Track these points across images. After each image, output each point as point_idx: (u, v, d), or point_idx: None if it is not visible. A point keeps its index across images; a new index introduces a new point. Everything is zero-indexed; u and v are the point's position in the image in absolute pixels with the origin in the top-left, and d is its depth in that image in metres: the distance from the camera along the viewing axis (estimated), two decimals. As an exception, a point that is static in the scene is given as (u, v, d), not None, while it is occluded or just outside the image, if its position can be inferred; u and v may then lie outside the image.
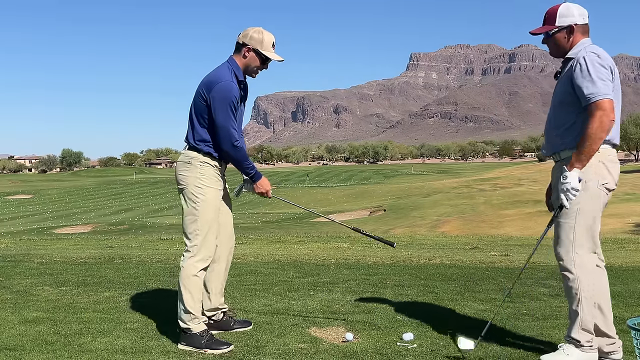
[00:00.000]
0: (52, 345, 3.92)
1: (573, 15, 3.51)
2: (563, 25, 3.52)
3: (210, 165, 4.00)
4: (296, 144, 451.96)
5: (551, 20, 3.56)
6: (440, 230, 30.82)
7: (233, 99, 3.86)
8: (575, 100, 3.41)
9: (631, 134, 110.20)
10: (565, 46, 3.56)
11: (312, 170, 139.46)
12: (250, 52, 3.95)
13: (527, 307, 4.93)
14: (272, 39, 3.97)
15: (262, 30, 3.95)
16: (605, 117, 3.27)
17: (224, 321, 4.34)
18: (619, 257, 8.74)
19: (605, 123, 3.28)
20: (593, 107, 3.30)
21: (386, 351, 3.79)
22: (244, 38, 3.95)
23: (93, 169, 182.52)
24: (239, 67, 3.98)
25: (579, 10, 3.53)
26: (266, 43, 3.94)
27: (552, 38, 3.57)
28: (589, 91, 3.31)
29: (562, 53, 3.59)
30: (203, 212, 3.95)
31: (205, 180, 3.97)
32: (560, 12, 3.52)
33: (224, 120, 3.85)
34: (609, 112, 3.29)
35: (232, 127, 3.88)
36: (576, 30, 3.52)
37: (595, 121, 3.27)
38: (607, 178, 3.45)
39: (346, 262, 8.03)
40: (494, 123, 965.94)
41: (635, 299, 5.36)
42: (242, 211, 52.17)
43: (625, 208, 36.51)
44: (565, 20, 3.51)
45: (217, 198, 4.06)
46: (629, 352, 3.67)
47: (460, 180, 76.68)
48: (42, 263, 7.95)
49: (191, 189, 3.96)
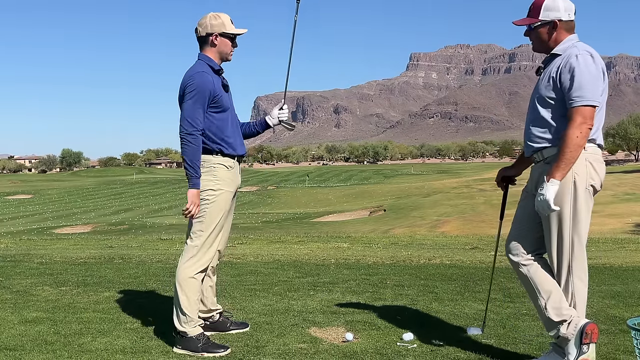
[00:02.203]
0: (52, 345, 3.92)
1: (558, 10, 3.32)
2: (546, 20, 3.34)
3: (224, 167, 3.97)
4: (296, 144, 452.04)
5: (535, 12, 3.37)
6: (440, 230, 30.81)
7: (205, 89, 3.84)
8: (559, 98, 3.26)
9: (631, 134, 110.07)
10: (548, 42, 3.38)
11: (312, 170, 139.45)
12: (218, 38, 3.94)
13: (527, 307, 4.92)
14: (228, 17, 3.98)
15: (217, 14, 3.95)
16: (584, 125, 3.15)
17: (220, 322, 4.31)
18: (619, 257, 8.75)
19: (584, 131, 3.15)
20: (574, 112, 3.17)
21: (386, 351, 3.79)
22: (205, 29, 3.94)
23: (93, 169, 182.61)
24: (210, 58, 3.97)
25: (566, 4, 3.34)
26: (227, 23, 3.95)
27: (535, 32, 3.41)
28: (576, 94, 3.17)
29: (544, 48, 3.42)
30: (211, 214, 3.92)
31: (219, 183, 3.94)
32: (546, 5, 3.33)
33: (188, 107, 3.83)
34: (589, 119, 3.16)
35: (196, 116, 3.83)
36: (560, 27, 3.34)
37: (575, 127, 3.14)
38: (595, 178, 3.32)
39: (346, 262, 8.03)
40: (494, 123, 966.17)
41: (635, 299, 5.37)
42: (242, 211, 52.15)
43: (625, 208, 36.52)
44: (549, 14, 3.33)
45: (228, 201, 4.02)
46: (629, 352, 3.66)
47: (460, 180, 76.65)
48: (42, 263, 7.95)
49: (203, 190, 3.93)
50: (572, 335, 3.31)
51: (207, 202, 3.92)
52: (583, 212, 3.31)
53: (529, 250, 3.48)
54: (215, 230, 3.96)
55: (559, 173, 3.19)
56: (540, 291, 3.40)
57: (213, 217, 3.93)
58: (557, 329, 3.36)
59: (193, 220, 3.94)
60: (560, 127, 3.26)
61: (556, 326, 3.36)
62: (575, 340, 3.30)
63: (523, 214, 3.54)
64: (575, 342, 3.30)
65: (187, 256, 3.94)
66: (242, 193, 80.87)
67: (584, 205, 3.30)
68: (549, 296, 3.37)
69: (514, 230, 3.57)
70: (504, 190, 3.95)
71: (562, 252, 3.34)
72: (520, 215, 3.56)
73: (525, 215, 3.52)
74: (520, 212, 3.57)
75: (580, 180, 3.27)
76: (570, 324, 3.32)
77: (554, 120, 3.30)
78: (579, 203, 3.29)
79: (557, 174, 3.19)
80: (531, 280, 3.44)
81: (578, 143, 3.15)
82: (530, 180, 3.52)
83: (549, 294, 3.37)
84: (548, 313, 3.36)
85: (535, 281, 3.42)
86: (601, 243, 12.11)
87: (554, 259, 3.38)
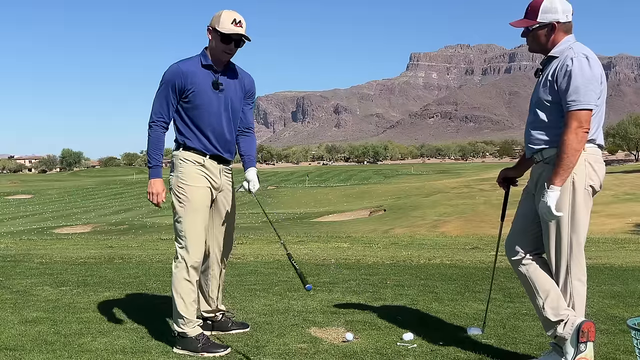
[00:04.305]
0: (52, 345, 3.93)
1: (556, 12, 3.30)
2: (544, 22, 3.32)
3: (191, 162, 3.88)
4: (296, 144, 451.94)
5: (533, 14, 3.35)
6: (440, 230, 30.83)
7: (172, 81, 3.79)
8: (557, 101, 3.26)
9: (631, 133, 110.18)
10: (545, 44, 3.37)
11: (312, 170, 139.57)
12: (212, 34, 3.85)
13: (527, 307, 4.93)
14: (232, 16, 3.81)
15: (223, 10, 3.85)
16: (580, 129, 3.14)
17: (222, 322, 4.31)
18: (619, 257, 8.76)
19: (580, 135, 3.15)
20: (570, 115, 3.17)
21: (386, 351, 3.79)
22: (210, 22, 3.87)
23: (93, 169, 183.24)
24: (205, 53, 3.90)
25: (563, 6, 3.32)
26: (223, 20, 3.80)
27: (532, 34, 3.39)
28: (571, 98, 3.16)
29: (542, 50, 3.41)
30: (188, 213, 3.86)
31: (187, 180, 3.86)
32: (544, 7, 3.31)
33: (154, 99, 3.85)
34: (584, 123, 3.15)
35: (157, 108, 3.83)
36: (558, 29, 3.32)
37: (571, 132, 3.15)
38: (594, 178, 3.31)
39: (346, 262, 8.04)
40: (494, 123, 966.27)
41: (635, 299, 5.38)
42: (242, 211, 52.12)
43: (625, 208, 36.57)
44: (547, 16, 3.31)
45: (204, 197, 3.91)
46: (629, 352, 3.67)
47: (460, 180, 76.71)
48: (42, 263, 7.97)
49: (175, 189, 3.88)
50: (569, 334, 3.31)
51: (178, 199, 3.88)
52: (582, 213, 3.30)
53: (528, 249, 3.49)
54: (193, 229, 3.86)
55: (559, 179, 3.19)
56: (539, 291, 3.41)
57: (190, 216, 3.86)
58: (554, 328, 3.37)
59: (174, 223, 3.90)
60: (559, 128, 3.25)
61: (553, 326, 3.37)
62: (572, 339, 3.30)
63: (523, 213, 3.55)
64: (572, 341, 3.30)
65: (175, 258, 3.93)
66: (241, 193, 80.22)
67: (582, 206, 3.30)
68: (547, 296, 3.38)
69: (513, 229, 3.58)
70: (505, 191, 3.95)
71: (561, 253, 3.35)
72: (520, 214, 3.57)
73: (525, 215, 3.53)
74: (520, 212, 3.58)
75: (579, 180, 3.27)
76: (567, 323, 3.33)
77: (552, 122, 3.30)
78: (578, 203, 3.29)
79: (557, 180, 3.20)
80: (530, 279, 3.45)
81: (575, 148, 3.16)
82: (530, 180, 3.52)
83: (547, 294, 3.38)
84: (546, 313, 3.37)
85: (533, 281, 3.43)
86: (601, 243, 12.14)
87: (552, 259, 3.39)
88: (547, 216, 3.23)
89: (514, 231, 3.57)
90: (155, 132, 3.86)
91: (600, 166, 3.34)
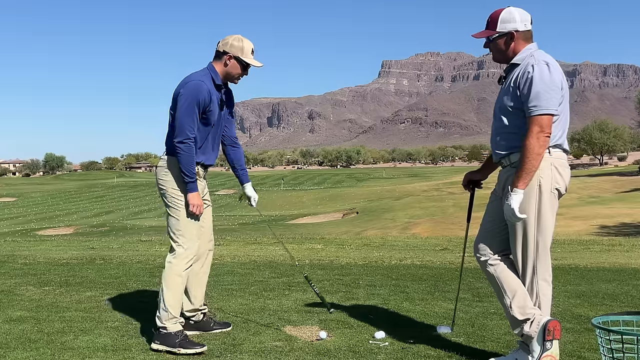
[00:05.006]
0: (35, 343, 3.97)
1: (515, 21, 3.41)
2: (503, 32, 3.43)
3: None
4: (272, 149, 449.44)
5: (493, 25, 3.46)
6: (411, 232, 31.13)
7: (199, 98, 3.89)
8: (519, 107, 3.34)
9: (596, 138, 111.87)
10: (507, 52, 3.47)
11: (287, 174, 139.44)
12: (232, 60, 4.00)
13: (495, 307, 5.02)
14: (251, 46, 4.04)
15: (242, 38, 4.02)
16: (541, 134, 3.23)
17: (204, 322, 4.38)
18: (584, 258, 8.95)
19: (541, 139, 3.23)
20: (532, 120, 3.25)
21: (359, 349, 3.86)
22: (224, 46, 4.01)
23: (75, 173, 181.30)
24: (217, 73, 4.02)
25: (522, 15, 3.43)
26: (246, 50, 4.00)
27: (493, 43, 3.49)
28: (533, 103, 3.24)
29: (504, 58, 3.50)
30: (184, 215, 4.01)
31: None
32: (502, 18, 3.42)
33: (182, 115, 3.89)
34: (546, 127, 3.24)
35: (189, 124, 3.90)
36: (517, 37, 3.42)
37: (533, 137, 3.23)
38: (560, 182, 3.39)
39: (320, 263, 8.11)
40: (463, 128, 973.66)
41: (599, 299, 5.50)
42: (219, 214, 51.91)
43: (590, 210, 37.29)
44: (506, 26, 3.42)
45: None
46: (594, 349, 3.75)
47: (430, 183, 77.36)
48: (26, 264, 7.94)
49: (170, 192, 4.02)
50: (535, 332, 3.38)
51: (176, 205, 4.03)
52: (548, 215, 3.38)
53: (496, 250, 3.57)
54: (190, 226, 4.03)
55: (522, 182, 3.29)
56: (506, 290, 3.48)
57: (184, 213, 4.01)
58: (521, 327, 3.45)
59: (170, 224, 4.03)
60: (523, 134, 3.33)
61: (520, 324, 3.44)
62: (538, 337, 3.37)
63: (490, 215, 3.62)
64: (539, 339, 3.37)
65: (173, 255, 4.02)
66: (219, 196, 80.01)
67: (548, 208, 3.38)
68: (514, 295, 3.45)
69: (482, 231, 3.65)
70: (470, 193, 4.06)
71: (527, 254, 3.43)
72: (488, 217, 3.64)
73: (493, 217, 3.60)
74: (488, 214, 3.65)
75: (545, 183, 3.35)
76: (534, 322, 3.40)
77: (517, 127, 3.39)
78: (544, 206, 3.37)
79: (520, 184, 3.29)
80: (497, 279, 3.52)
81: (537, 152, 3.25)
82: (498, 184, 3.60)
83: (514, 293, 3.46)
84: (513, 312, 3.44)
85: (501, 280, 3.51)
86: (567, 244, 12.31)
87: (519, 260, 3.47)
88: (512, 218, 3.33)
89: (482, 233, 3.64)
90: (191, 149, 3.95)
91: (566, 170, 3.43)
